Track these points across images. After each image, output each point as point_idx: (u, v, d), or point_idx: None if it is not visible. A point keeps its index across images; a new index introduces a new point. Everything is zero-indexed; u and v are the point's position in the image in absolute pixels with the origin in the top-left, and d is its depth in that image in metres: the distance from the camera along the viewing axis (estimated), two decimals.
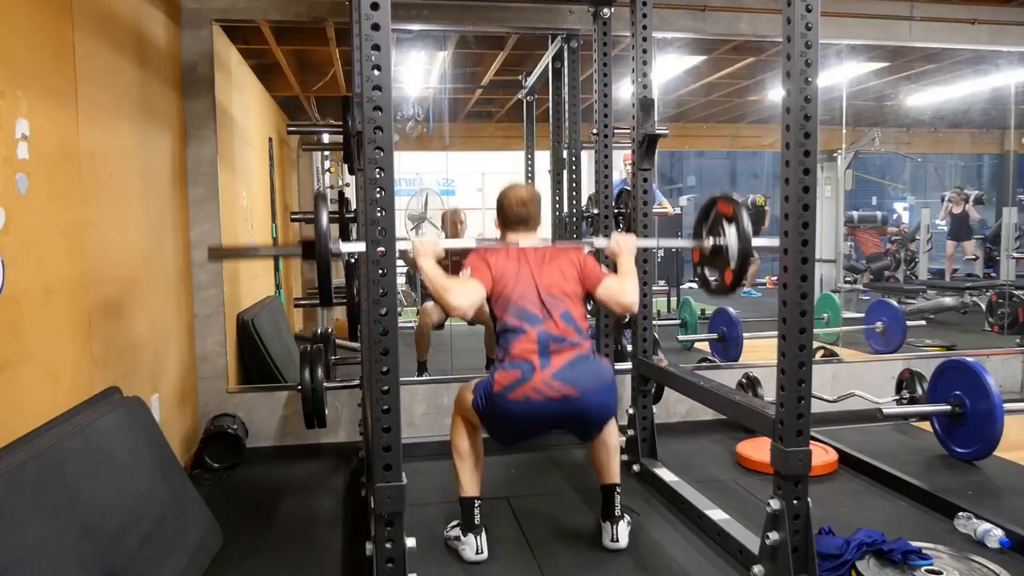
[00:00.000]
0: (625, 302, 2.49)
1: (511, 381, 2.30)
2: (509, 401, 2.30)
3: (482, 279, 2.41)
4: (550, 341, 2.34)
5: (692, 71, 5.90)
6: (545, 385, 2.29)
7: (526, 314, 2.39)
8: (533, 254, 2.50)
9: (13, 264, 1.90)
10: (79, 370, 2.32)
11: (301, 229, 7.33)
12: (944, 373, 3.32)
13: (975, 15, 4.33)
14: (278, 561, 2.48)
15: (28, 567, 1.63)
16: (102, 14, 2.64)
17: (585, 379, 2.33)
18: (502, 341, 2.41)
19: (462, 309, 2.31)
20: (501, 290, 2.43)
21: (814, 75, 2.03)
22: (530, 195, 2.60)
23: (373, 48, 1.84)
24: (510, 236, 2.59)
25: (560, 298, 2.43)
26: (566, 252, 2.56)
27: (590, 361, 2.38)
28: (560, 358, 2.33)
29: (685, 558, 2.45)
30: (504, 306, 2.42)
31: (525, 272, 2.46)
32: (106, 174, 2.58)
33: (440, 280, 2.30)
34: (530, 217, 2.59)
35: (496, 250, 2.51)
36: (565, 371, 2.31)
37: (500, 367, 2.35)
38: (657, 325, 3.48)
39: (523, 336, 2.35)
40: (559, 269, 2.49)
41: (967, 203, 8.70)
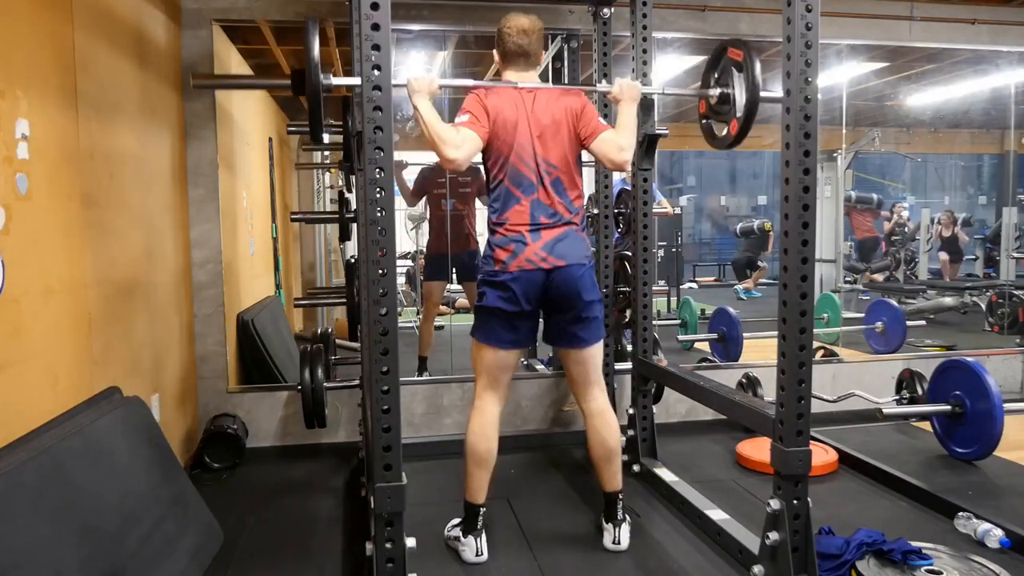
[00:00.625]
0: (618, 159, 2.42)
1: (508, 255, 2.38)
2: (508, 274, 2.37)
3: (479, 129, 2.35)
4: (541, 215, 2.39)
5: (692, 71, 5.91)
6: (536, 255, 2.36)
7: (521, 179, 2.39)
8: (532, 101, 2.43)
9: (13, 264, 1.90)
10: (79, 370, 2.32)
11: (301, 229, 7.35)
12: (944, 373, 3.32)
13: (975, 15, 4.33)
14: (278, 561, 2.48)
15: (28, 567, 1.63)
16: (102, 14, 2.64)
17: (572, 252, 2.40)
18: (496, 201, 2.42)
19: (457, 163, 2.28)
20: (498, 144, 2.39)
21: (814, 75, 2.03)
22: (531, 24, 2.45)
23: (373, 48, 1.84)
24: (509, 72, 2.49)
25: (554, 164, 2.42)
26: (566, 98, 2.47)
27: (577, 237, 2.43)
28: (549, 232, 2.39)
29: (685, 558, 2.45)
30: (500, 163, 2.41)
31: (523, 124, 2.40)
32: (106, 174, 2.58)
33: (436, 127, 2.22)
34: (531, 49, 2.46)
35: (495, 91, 2.43)
36: (552, 243, 2.38)
37: (495, 242, 2.41)
38: (657, 325, 3.48)
39: (517, 206, 2.39)
40: (557, 123, 2.42)
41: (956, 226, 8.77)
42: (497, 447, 2.48)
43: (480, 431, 2.46)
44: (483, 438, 2.45)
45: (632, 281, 3.36)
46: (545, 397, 3.83)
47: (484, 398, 2.50)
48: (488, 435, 2.46)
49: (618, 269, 3.59)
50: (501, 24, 2.48)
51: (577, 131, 2.45)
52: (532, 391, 3.82)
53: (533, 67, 2.50)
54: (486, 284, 2.44)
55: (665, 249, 8.22)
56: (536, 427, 3.81)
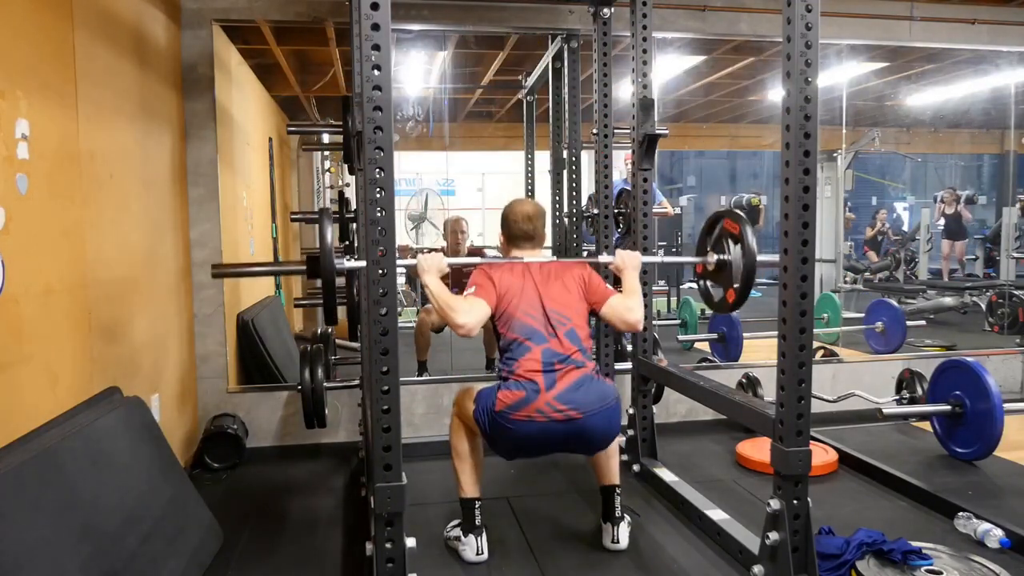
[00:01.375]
0: (630, 320, 2.48)
1: (515, 401, 2.28)
2: (512, 421, 2.28)
3: (486, 297, 2.40)
4: (555, 361, 2.33)
5: (692, 71, 5.90)
6: (549, 407, 2.26)
7: (531, 331, 2.38)
8: (538, 270, 2.50)
9: (13, 264, 1.90)
10: (79, 370, 2.32)
11: (301, 229, 7.35)
12: (944, 373, 3.32)
13: (975, 15, 4.33)
14: (278, 561, 2.48)
15: (28, 567, 1.63)
16: (102, 14, 2.64)
17: (589, 401, 2.30)
18: (506, 358, 2.40)
19: (467, 328, 2.31)
20: (505, 307, 2.42)
21: (814, 75, 2.03)
22: (535, 211, 2.60)
23: (373, 48, 1.84)
24: (515, 252, 2.59)
25: (565, 316, 2.42)
26: (571, 268, 2.56)
27: (595, 382, 2.36)
28: (565, 379, 2.31)
29: (685, 558, 2.45)
30: (508, 323, 2.41)
31: (530, 288, 2.45)
32: (106, 174, 2.58)
33: (445, 298, 2.30)
34: (535, 233, 2.59)
35: (500, 266, 2.51)
36: (569, 392, 2.29)
37: (504, 386, 2.33)
38: (657, 325, 3.48)
39: (528, 354, 2.34)
40: (564, 286, 2.48)
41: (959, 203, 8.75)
42: (480, 442, 2.50)
43: (459, 433, 2.50)
44: (462, 438, 2.49)
45: None
46: None
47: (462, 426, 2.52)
48: (467, 435, 2.49)
49: None
50: (506, 211, 2.61)
51: (586, 298, 2.50)
52: None
53: (538, 247, 2.61)
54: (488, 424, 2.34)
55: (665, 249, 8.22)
56: None
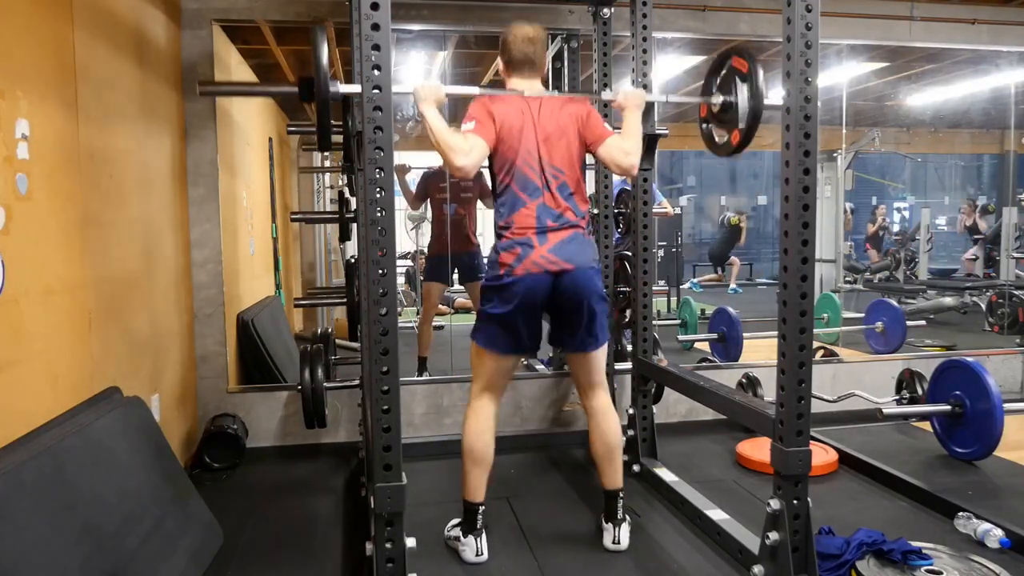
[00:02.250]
0: (625, 164, 2.45)
1: (514, 258, 2.36)
2: (514, 277, 2.35)
3: (485, 135, 2.36)
4: (548, 218, 2.38)
5: (692, 71, 5.91)
6: (543, 259, 2.35)
7: (527, 183, 2.39)
8: (538, 109, 2.45)
9: (13, 264, 1.90)
10: (79, 370, 2.32)
11: (301, 229, 7.35)
12: (944, 373, 3.31)
13: (975, 15, 4.33)
14: (278, 561, 2.48)
15: (28, 567, 1.63)
16: (102, 14, 2.64)
17: (580, 256, 2.39)
18: (503, 206, 2.42)
19: (466, 170, 2.30)
20: (504, 149, 2.40)
21: (814, 75, 2.03)
22: (536, 33, 2.49)
23: (373, 48, 1.84)
24: (515, 80, 2.51)
25: (560, 168, 2.42)
26: (571, 105, 2.50)
27: (584, 240, 2.43)
28: (556, 235, 2.38)
29: (685, 558, 2.45)
30: (506, 167, 2.41)
31: (529, 130, 2.41)
32: (106, 174, 2.58)
33: (443, 134, 2.25)
34: (536, 57, 2.49)
35: (500, 99, 2.44)
36: (560, 247, 2.37)
37: (501, 247, 2.39)
38: (657, 325, 3.48)
39: (523, 209, 2.38)
40: (562, 129, 2.44)
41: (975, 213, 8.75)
42: (494, 445, 2.49)
43: (477, 430, 2.47)
44: (479, 437, 2.46)
45: (632, 281, 3.36)
46: (545, 397, 3.83)
47: (481, 399, 2.51)
48: (485, 435, 2.47)
49: (618, 269, 3.59)
50: (506, 33, 2.51)
51: (583, 137, 2.47)
52: (532, 391, 3.81)
53: (538, 75, 2.53)
54: (491, 289, 2.42)
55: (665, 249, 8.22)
56: (536, 427, 3.81)
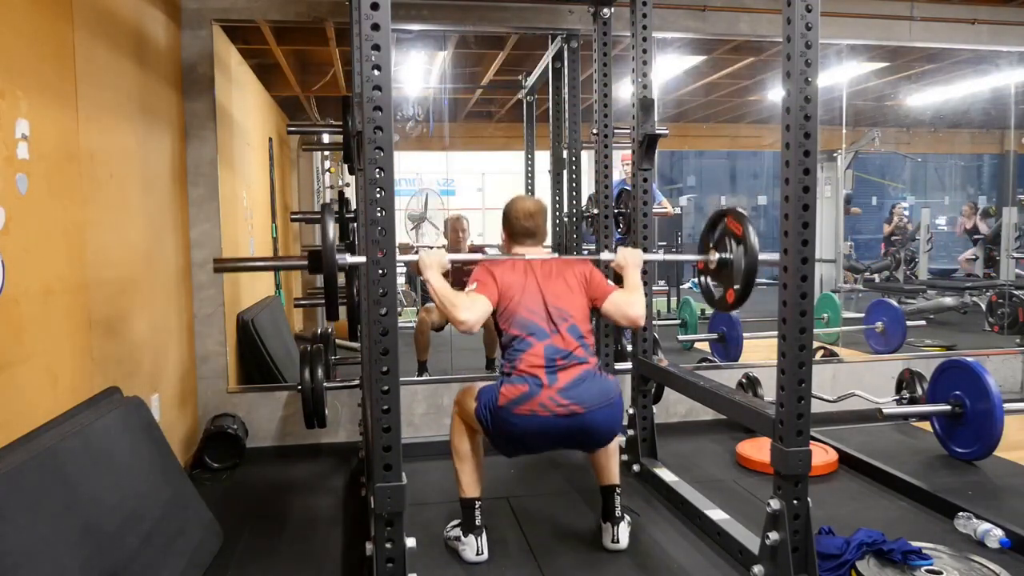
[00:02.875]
0: (632, 315, 2.49)
1: (518, 395, 2.28)
2: (515, 415, 2.28)
3: (488, 294, 2.40)
4: (557, 356, 2.34)
5: (692, 71, 5.90)
6: (552, 401, 2.27)
7: (533, 327, 2.38)
8: (540, 267, 2.50)
9: (13, 264, 1.90)
10: (79, 370, 2.32)
11: (301, 229, 7.35)
12: (944, 373, 3.31)
13: (975, 15, 4.33)
14: (278, 561, 2.48)
15: (28, 567, 1.63)
16: (102, 14, 2.64)
17: (592, 396, 2.31)
18: (508, 354, 2.40)
19: (469, 324, 2.32)
20: (507, 304, 2.42)
21: (814, 75, 2.03)
22: (537, 208, 2.60)
23: (373, 48, 1.84)
24: (516, 249, 2.58)
25: (567, 312, 2.43)
26: (572, 265, 2.57)
27: (597, 378, 2.37)
28: (567, 374, 2.32)
29: (685, 558, 2.45)
30: (510, 319, 2.41)
31: (532, 285, 2.45)
32: (106, 174, 2.58)
33: (447, 295, 2.30)
34: (537, 230, 2.59)
35: (502, 263, 2.51)
36: (572, 387, 2.30)
37: (507, 381, 2.33)
38: (657, 325, 3.48)
39: (530, 350, 2.34)
40: (565, 282, 2.49)
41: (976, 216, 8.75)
42: (481, 441, 2.50)
43: (460, 430, 2.50)
44: (463, 437, 2.49)
45: None
46: None
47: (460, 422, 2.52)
48: (468, 433, 2.49)
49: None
50: (507, 208, 2.60)
51: (587, 293, 2.51)
52: None
53: (539, 243, 2.60)
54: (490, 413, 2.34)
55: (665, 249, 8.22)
56: None
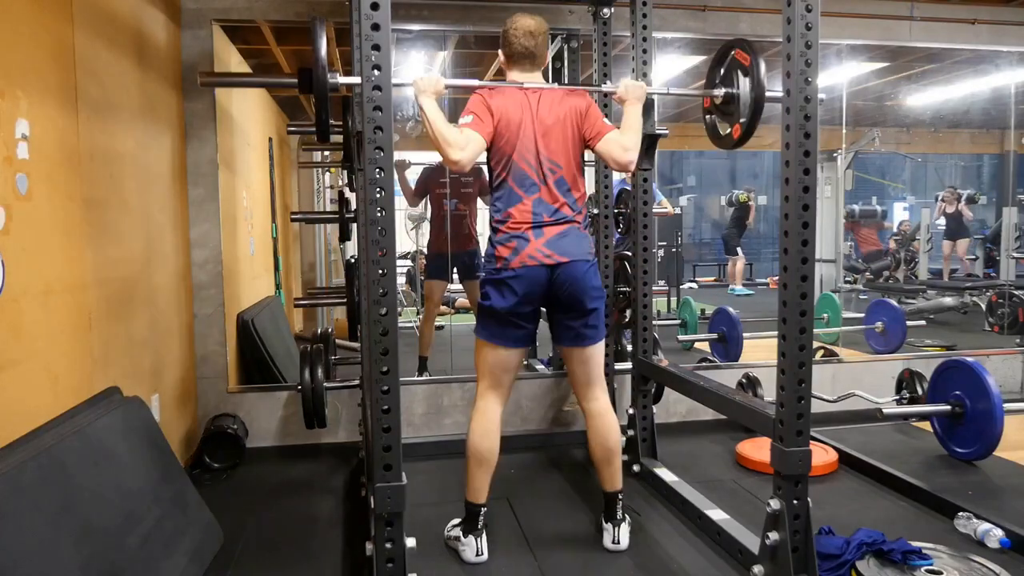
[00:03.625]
0: (623, 160, 2.44)
1: (510, 252, 2.38)
2: (510, 270, 2.37)
3: (483, 131, 2.36)
4: (544, 213, 2.39)
5: (692, 71, 5.91)
6: (539, 252, 2.37)
7: (524, 178, 2.40)
8: (537, 102, 2.44)
9: (13, 264, 1.90)
10: (79, 370, 2.32)
11: (301, 229, 7.35)
12: (944, 373, 3.31)
13: (975, 15, 4.33)
14: (278, 561, 2.48)
15: (28, 567, 1.63)
16: (102, 14, 2.64)
17: (574, 249, 2.40)
18: (499, 200, 2.44)
19: (461, 165, 2.30)
20: (502, 144, 2.41)
21: (814, 75, 2.03)
22: (537, 26, 2.47)
23: (373, 48, 1.84)
24: (514, 73, 2.50)
25: (557, 163, 2.42)
26: (570, 98, 2.49)
27: (579, 235, 2.44)
28: (552, 230, 2.39)
29: (685, 558, 2.45)
30: (503, 162, 2.42)
31: (527, 124, 2.41)
32: (106, 174, 2.58)
33: (440, 128, 2.25)
34: (537, 51, 2.47)
35: (499, 91, 2.44)
36: (555, 240, 2.38)
37: (497, 241, 2.41)
38: (657, 325, 3.48)
39: (519, 204, 2.39)
40: (561, 122, 2.43)
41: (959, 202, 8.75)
42: (499, 446, 2.48)
43: (482, 431, 2.46)
44: (485, 438, 2.45)
45: (632, 281, 3.36)
46: (545, 397, 3.83)
47: (486, 398, 2.50)
48: (491, 435, 2.46)
49: (618, 269, 3.59)
50: (507, 25, 2.50)
51: (582, 131, 2.46)
52: (532, 391, 3.82)
53: (538, 68, 2.52)
54: (489, 283, 2.44)
55: (665, 249, 8.22)
56: (536, 427, 3.81)
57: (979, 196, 8.88)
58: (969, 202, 8.81)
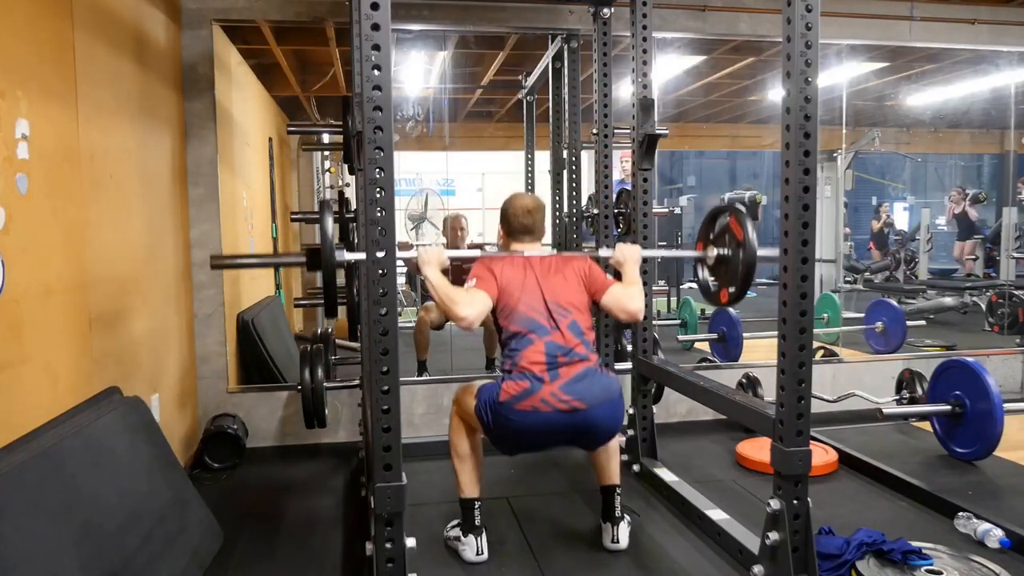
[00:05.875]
0: (631, 309, 2.49)
1: (519, 391, 2.27)
2: (516, 411, 2.27)
3: (488, 289, 2.39)
4: (558, 353, 2.33)
5: (692, 71, 5.90)
6: (553, 397, 2.26)
7: (533, 324, 2.37)
8: (538, 263, 2.50)
9: (13, 264, 1.90)
10: (79, 370, 2.32)
11: (301, 229, 7.34)
12: (944, 373, 3.32)
13: (975, 15, 4.33)
14: (278, 561, 2.48)
15: (28, 567, 1.63)
16: (102, 14, 2.64)
17: (594, 392, 2.30)
18: (508, 351, 2.39)
19: (469, 320, 2.30)
20: (507, 300, 2.42)
21: (814, 75, 2.03)
22: (535, 204, 2.59)
23: (373, 48, 1.84)
24: (514, 246, 2.58)
25: (567, 308, 2.42)
26: (571, 261, 2.56)
27: (598, 375, 2.36)
28: (568, 371, 2.31)
29: (685, 558, 2.45)
30: (510, 316, 2.41)
31: (531, 281, 2.44)
32: (106, 174, 2.58)
33: (446, 290, 2.29)
34: (535, 226, 2.58)
35: (501, 259, 2.51)
36: (573, 383, 2.28)
37: (508, 377, 2.32)
38: (657, 325, 3.48)
39: (531, 347, 2.34)
40: (564, 278, 2.48)
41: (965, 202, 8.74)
42: (480, 441, 2.50)
43: (459, 429, 2.50)
44: (462, 436, 2.49)
45: None
46: None
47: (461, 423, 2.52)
48: (467, 433, 2.49)
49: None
50: (506, 205, 2.60)
51: (587, 288, 2.50)
52: None
53: (537, 240, 2.60)
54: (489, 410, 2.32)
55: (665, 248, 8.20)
56: None
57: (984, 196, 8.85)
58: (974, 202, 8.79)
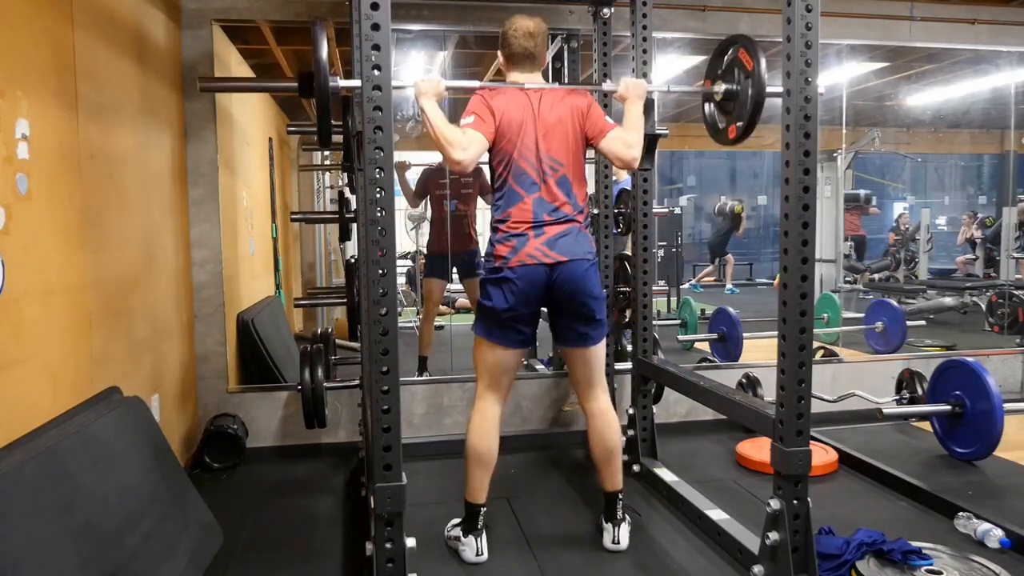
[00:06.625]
0: (627, 157, 2.43)
1: (508, 251, 2.38)
2: (510, 269, 2.37)
3: (484, 130, 2.36)
4: (544, 212, 2.39)
5: (692, 71, 5.91)
6: (538, 251, 2.36)
7: (524, 177, 2.40)
8: (539, 101, 2.44)
9: (13, 264, 1.90)
10: (79, 370, 2.32)
11: (301, 229, 7.35)
12: (944, 373, 3.32)
13: (975, 15, 4.33)
14: (278, 561, 2.48)
15: (28, 567, 1.63)
16: (102, 14, 2.64)
17: (572, 248, 2.39)
18: (500, 199, 2.44)
19: (463, 165, 2.30)
20: (503, 144, 2.40)
21: (814, 75, 2.03)
22: (537, 27, 2.47)
23: (373, 48, 1.84)
24: (514, 74, 2.50)
25: (559, 163, 2.42)
26: (571, 97, 2.48)
27: (580, 235, 2.43)
28: (552, 229, 2.38)
29: (685, 558, 2.45)
30: (504, 161, 2.41)
31: (529, 124, 2.41)
32: (106, 174, 2.58)
33: (442, 128, 2.25)
34: (536, 52, 2.47)
35: (500, 92, 2.44)
36: (554, 239, 2.38)
37: (497, 240, 2.41)
38: (657, 325, 3.48)
39: (519, 203, 2.39)
40: (562, 121, 2.43)
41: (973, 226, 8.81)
42: (498, 446, 2.48)
43: (481, 430, 2.46)
44: (484, 437, 2.45)
45: (632, 281, 3.36)
46: (545, 397, 3.83)
47: (485, 398, 2.50)
48: (489, 435, 2.46)
49: (618, 269, 3.59)
50: (506, 27, 2.49)
51: (584, 130, 2.46)
52: (532, 391, 3.82)
53: (538, 68, 2.52)
54: (489, 282, 2.44)
55: (665, 249, 8.22)
56: (536, 427, 3.81)
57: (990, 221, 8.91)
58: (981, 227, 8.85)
